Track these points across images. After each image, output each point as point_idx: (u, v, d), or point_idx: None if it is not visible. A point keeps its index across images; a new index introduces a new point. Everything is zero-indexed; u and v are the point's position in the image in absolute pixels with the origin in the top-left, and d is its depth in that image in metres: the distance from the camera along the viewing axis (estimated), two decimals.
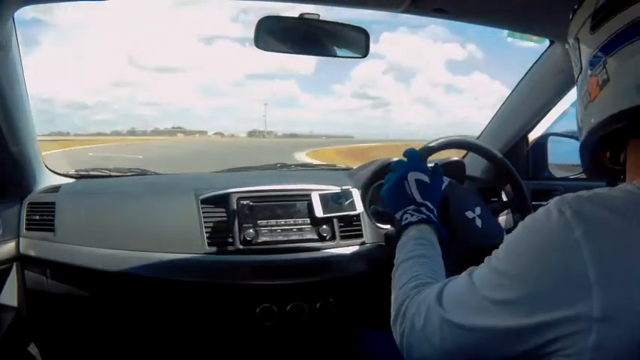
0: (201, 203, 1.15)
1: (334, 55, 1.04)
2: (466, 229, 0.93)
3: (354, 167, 1.48)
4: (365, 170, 1.30)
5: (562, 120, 1.43)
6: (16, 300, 1.10)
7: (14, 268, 1.09)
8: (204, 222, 1.13)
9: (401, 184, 0.77)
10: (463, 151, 1.43)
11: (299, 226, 1.17)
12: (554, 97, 1.32)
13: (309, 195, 1.19)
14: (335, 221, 1.19)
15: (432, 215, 0.74)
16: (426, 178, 0.78)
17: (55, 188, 1.22)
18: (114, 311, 1.17)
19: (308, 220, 1.18)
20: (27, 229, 1.10)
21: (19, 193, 1.16)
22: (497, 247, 0.51)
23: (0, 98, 1.00)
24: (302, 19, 0.97)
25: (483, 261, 0.52)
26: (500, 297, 0.46)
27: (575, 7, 0.55)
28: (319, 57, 1.11)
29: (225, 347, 1.23)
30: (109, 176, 1.45)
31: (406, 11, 0.99)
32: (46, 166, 1.30)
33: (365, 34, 1.01)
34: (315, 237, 1.17)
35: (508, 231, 0.87)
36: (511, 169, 1.15)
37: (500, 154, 1.17)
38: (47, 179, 1.28)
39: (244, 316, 1.14)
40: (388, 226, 1.18)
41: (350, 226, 1.20)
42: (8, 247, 1.07)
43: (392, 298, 0.62)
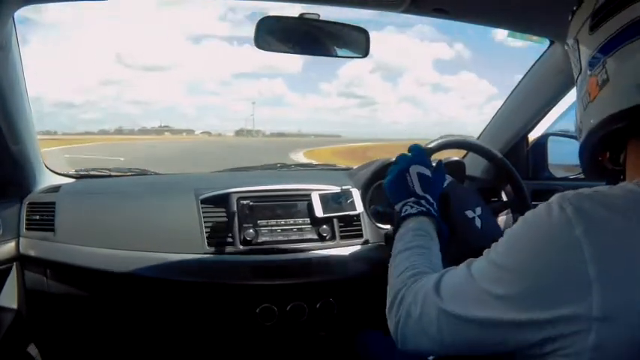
0: (201, 203, 1.15)
1: (334, 55, 1.04)
2: (465, 228, 0.92)
3: (354, 167, 1.48)
4: (365, 170, 1.30)
5: (562, 120, 1.43)
6: (16, 300, 1.10)
7: (14, 268, 1.09)
8: (204, 222, 1.13)
9: (403, 176, 0.77)
10: (463, 151, 1.43)
11: (299, 226, 1.17)
12: (554, 97, 1.32)
13: (309, 195, 1.19)
14: (335, 221, 1.19)
15: (431, 208, 0.74)
16: (428, 172, 0.79)
17: (55, 188, 1.22)
18: (114, 311, 1.17)
19: (308, 220, 1.18)
20: (27, 229, 1.10)
21: (19, 193, 1.16)
22: None
23: (0, 98, 1.00)
24: (302, 19, 0.97)
25: None
26: (500, 291, 0.46)
27: (575, 8, 0.55)
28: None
29: (225, 347, 1.23)
30: (109, 176, 1.45)
31: (406, 11, 0.99)
32: (46, 166, 1.30)
33: (365, 34, 1.01)
34: (315, 237, 1.17)
35: None
36: (511, 169, 1.15)
37: (500, 154, 1.17)
38: (47, 179, 1.28)
39: (244, 316, 1.14)
40: (388, 226, 1.18)
41: (350, 226, 1.20)
42: (8, 247, 1.07)
43: (388, 287, 0.62)
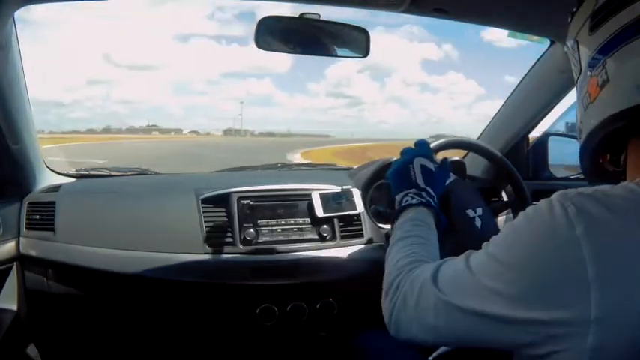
0: (202, 203, 1.15)
1: (334, 55, 1.04)
2: (465, 227, 0.92)
3: (355, 167, 1.48)
4: (365, 170, 1.30)
5: (562, 120, 1.43)
6: (16, 300, 1.10)
7: (14, 267, 1.09)
8: (204, 222, 1.13)
9: (406, 168, 0.78)
10: (463, 152, 1.43)
11: (299, 226, 1.17)
12: (555, 97, 1.33)
13: (310, 195, 1.19)
14: (335, 221, 1.19)
15: (432, 201, 0.74)
16: (431, 166, 0.79)
17: (55, 188, 1.22)
18: (114, 311, 1.17)
19: (308, 219, 1.18)
20: (27, 228, 1.10)
21: (19, 193, 1.16)
22: None
23: (0, 98, 1.00)
24: (302, 18, 0.96)
25: None
26: (498, 287, 0.46)
27: (574, 9, 0.55)
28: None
29: (225, 347, 1.23)
30: (109, 176, 1.45)
31: (406, 11, 0.99)
32: (47, 165, 1.30)
33: (365, 34, 1.01)
34: (316, 237, 1.17)
35: None
36: (511, 169, 1.15)
37: (500, 154, 1.17)
38: (47, 179, 1.28)
39: (244, 316, 1.14)
40: (389, 226, 1.18)
41: (350, 226, 1.20)
42: (8, 247, 1.07)
43: (385, 274, 0.62)
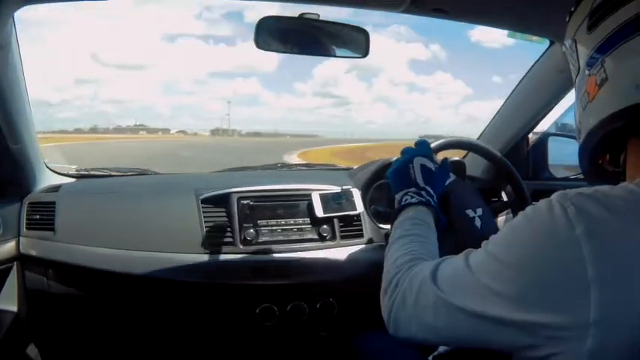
0: (202, 203, 1.15)
1: (334, 55, 1.04)
2: (465, 227, 0.92)
3: (355, 167, 1.48)
4: (365, 170, 1.30)
5: (562, 120, 1.43)
6: (16, 300, 1.10)
7: (14, 267, 1.09)
8: (204, 222, 1.13)
9: (406, 167, 0.78)
10: (463, 152, 1.43)
11: (299, 226, 1.17)
12: (555, 97, 1.33)
13: (310, 195, 1.19)
14: (335, 221, 1.19)
15: (431, 200, 0.74)
16: (431, 165, 0.79)
17: (55, 188, 1.22)
18: (113, 311, 1.17)
19: (308, 219, 1.18)
20: (27, 228, 1.10)
21: (19, 193, 1.16)
22: None
23: (0, 98, 1.00)
24: (302, 19, 0.97)
25: None
26: (497, 287, 0.46)
27: (572, 9, 0.55)
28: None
29: (225, 347, 1.23)
30: (109, 176, 1.45)
31: (406, 11, 0.99)
32: (47, 165, 1.30)
33: (365, 34, 1.01)
34: (316, 237, 1.17)
35: None
36: (511, 169, 1.15)
37: (500, 154, 1.17)
38: (47, 179, 1.28)
39: (244, 316, 1.14)
40: (389, 226, 1.18)
41: (350, 226, 1.20)
42: (8, 247, 1.07)
43: (384, 272, 0.62)
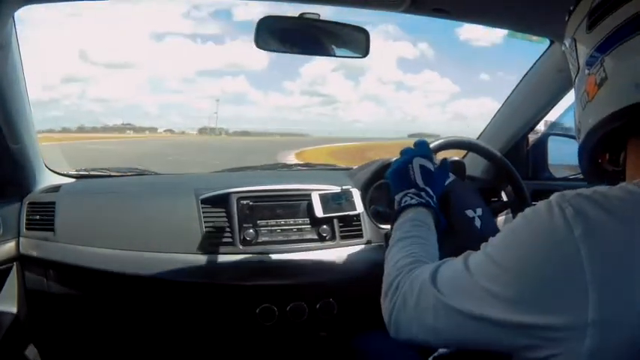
0: (202, 203, 1.15)
1: (334, 54, 1.04)
2: (464, 227, 0.92)
3: (355, 167, 1.48)
4: (365, 170, 1.30)
5: (562, 120, 1.43)
6: (16, 300, 1.10)
7: (14, 268, 1.09)
8: (204, 222, 1.13)
9: (405, 167, 0.78)
10: (463, 151, 1.43)
11: (299, 226, 1.17)
12: (555, 97, 1.33)
13: (309, 195, 1.19)
14: (335, 221, 1.19)
15: (431, 201, 0.74)
16: (430, 166, 0.79)
17: (55, 188, 1.22)
18: (113, 311, 1.16)
19: (308, 220, 1.18)
20: (27, 228, 1.10)
21: (19, 193, 1.16)
22: None
23: (0, 98, 1.00)
24: (302, 18, 0.97)
25: None
26: (496, 289, 0.46)
27: (571, 8, 0.55)
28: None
29: (225, 347, 1.23)
30: (109, 176, 1.45)
31: (406, 11, 0.99)
32: (47, 165, 1.30)
33: (365, 34, 1.01)
34: (315, 237, 1.17)
35: None
36: (511, 169, 1.15)
37: (500, 154, 1.17)
38: (47, 179, 1.28)
39: (244, 317, 1.14)
40: (388, 226, 1.18)
41: (350, 226, 1.20)
42: (8, 247, 1.07)
43: (384, 274, 0.62)
